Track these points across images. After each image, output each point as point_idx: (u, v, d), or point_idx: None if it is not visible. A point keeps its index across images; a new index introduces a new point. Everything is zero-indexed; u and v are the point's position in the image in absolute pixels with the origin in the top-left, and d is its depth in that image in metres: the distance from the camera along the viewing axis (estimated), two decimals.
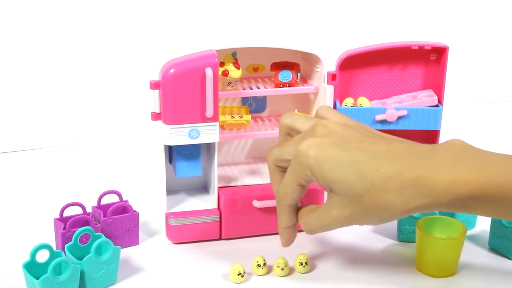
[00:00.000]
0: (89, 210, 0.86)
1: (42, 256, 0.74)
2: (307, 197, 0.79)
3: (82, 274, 0.74)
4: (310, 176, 0.69)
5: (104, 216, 0.84)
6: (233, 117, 0.88)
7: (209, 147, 0.87)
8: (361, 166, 0.67)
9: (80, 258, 0.75)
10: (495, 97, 1.49)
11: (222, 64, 0.85)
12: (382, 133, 0.73)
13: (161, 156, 0.84)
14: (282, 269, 0.79)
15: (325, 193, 0.77)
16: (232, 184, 0.90)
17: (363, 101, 0.90)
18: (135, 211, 0.87)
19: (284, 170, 0.74)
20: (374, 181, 0.66)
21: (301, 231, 0.77)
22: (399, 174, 0.66)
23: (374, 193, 0.66)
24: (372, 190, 0.66)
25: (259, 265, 0.79)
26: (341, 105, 0.90)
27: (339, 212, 0.69)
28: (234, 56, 0.86)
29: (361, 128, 0.73)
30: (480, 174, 0.66)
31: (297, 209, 0.75)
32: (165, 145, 0.84)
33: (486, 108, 1.45)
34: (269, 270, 0.80)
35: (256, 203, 0.86)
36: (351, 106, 0.89)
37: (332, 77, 0.87)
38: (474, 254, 0.84)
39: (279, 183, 0.75)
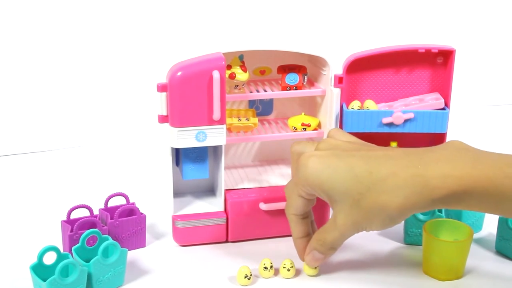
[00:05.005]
0: (96, 212, 0.87)
1: (49, 258, 0.74)
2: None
3: (89, 276, 0.75)
4: (308, 187, 0.71)
5: (111, 218, 0.85)
6: (240, 119, 0.89)
7: (216, 149, 0.87)
8: (355, 171, 0.68)
9: (87, 260, 0.75)
10: (502, 100, 1.49)
11: (229, 67, 0.85)
12: (388, 147, 0.74)
13: (168, 159, 0.84)
14: (288, 270, 0.79)
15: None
16: (239, 186, 0.90)
17: (370, 104, 0.90)
18: (142, 213, 0.87)
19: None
20: (369, 184, 0.67)
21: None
22: (392, 175, 0.67)
23: (370, 196, 0.67)
24: (367, 194, 0.67)
25: (266, 268, 0.79)
26: (347, 108, 0.90)
27: (344, 220, 0.70)
28: (241, 59, 0.86)
29: (364, 144, 0.74)
30: (472, 169, 0.66)
31: (309, 225, 0.78)
32: (172, 148, 0.84)
33: (493, 111, 1.45)
34: (276, 272, 0.80)
35: (263, 206, 0.86)
36: (358, 109, 0.89)
37: (339, 80, 0.87)
38: (481, 257, 0.84)
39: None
